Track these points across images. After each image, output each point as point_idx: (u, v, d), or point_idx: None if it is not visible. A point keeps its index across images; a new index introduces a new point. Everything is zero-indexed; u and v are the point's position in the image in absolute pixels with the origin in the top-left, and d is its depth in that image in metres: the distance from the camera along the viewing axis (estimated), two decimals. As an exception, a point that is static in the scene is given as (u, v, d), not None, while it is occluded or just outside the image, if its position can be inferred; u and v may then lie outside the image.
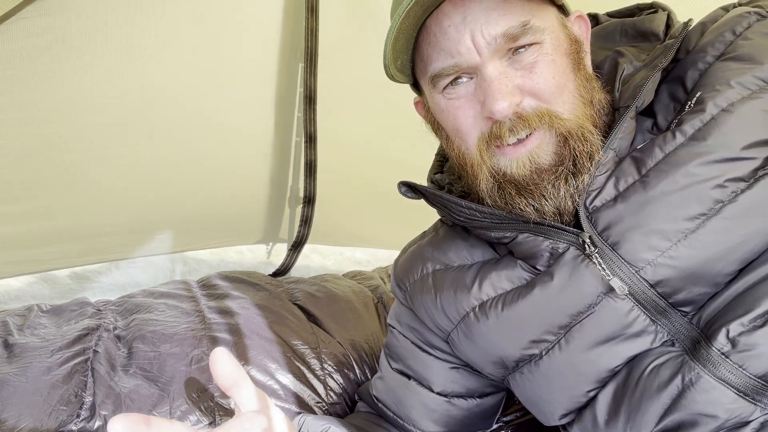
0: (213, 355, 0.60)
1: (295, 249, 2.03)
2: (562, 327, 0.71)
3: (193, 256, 2.22)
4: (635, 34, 0.79)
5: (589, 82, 0.71)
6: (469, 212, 0.74)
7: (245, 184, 1.99)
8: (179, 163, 1.72)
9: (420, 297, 0.87)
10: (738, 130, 0.63)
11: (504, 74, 0.65)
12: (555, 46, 0.67)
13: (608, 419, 0.69)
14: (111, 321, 1.27)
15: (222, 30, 1.54)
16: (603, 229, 0.67)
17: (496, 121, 0.66)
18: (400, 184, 0.81)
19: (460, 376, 0.88)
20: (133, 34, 1.38)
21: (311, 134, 1.82)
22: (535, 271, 0.74)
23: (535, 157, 0.67)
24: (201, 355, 1.15)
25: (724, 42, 0.68)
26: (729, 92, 0.64)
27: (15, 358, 1.09)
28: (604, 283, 0.67)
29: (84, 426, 0.97)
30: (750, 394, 0.60)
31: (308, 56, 1.67)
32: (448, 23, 0.66)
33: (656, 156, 0.66)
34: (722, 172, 0.62)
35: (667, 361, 0.65)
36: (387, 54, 0.69)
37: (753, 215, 0.62)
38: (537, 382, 0.75)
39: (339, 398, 1.16)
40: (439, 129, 0.76)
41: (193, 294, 1.44)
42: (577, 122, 0.67)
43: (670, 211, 0.63)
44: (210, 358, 0.58)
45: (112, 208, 1.68)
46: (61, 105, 1.36)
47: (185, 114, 1.63)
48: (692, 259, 0.63)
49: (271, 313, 1.33)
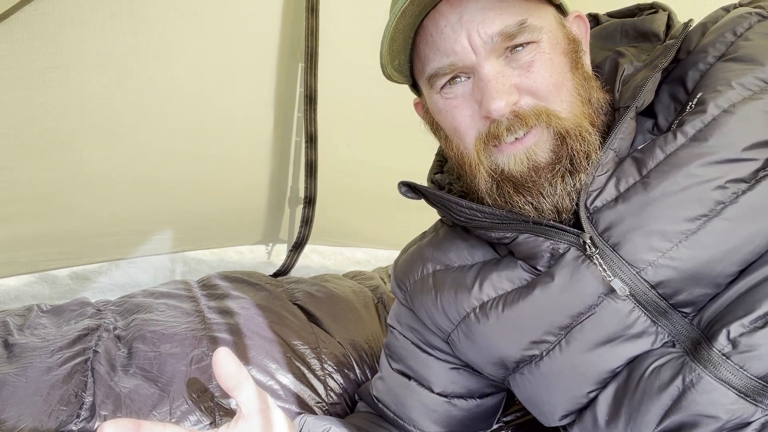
0: (216, 355, 0.60)
1: (296, 250, 2.03)
2: (563, 328, 0.71)
3: (193, 256, 2.22)
4: (635, 35, 0.79)
5: (588, 81, 0.71)
6: (470, 212, 0.74)
7: (245, 185, 1.99)
8: (179, 163, 1.72)
9: (420, 297, 0.86)
10: (739, 131, 0.63)
11: (501, 73, 0.65)
12: (552, 44, 0.67)
13: (609, 420, 0.69)
14: (111, 321, 1.27)
15: (222, 30, 1.54)
16: (604, 230, 0.67)
17: (494, 121, 0.67)
18: (400, 184, 0.81)
19: (460, 376, 0.88)
20: (132, 35, 1.38)
21: (311, 134, 1.82)
22: (535, 271, 0.74)
23: (532, 155, 0.67)
24: (201, 355, 1.15)
25: (725, 43, 0.68)
26: (730, 93, 0.64)
27: (15, 358, 1.09)
28: (605, 284, 0.67)
29: (84, 426, 0.97)
30: (751, 395, 0.60)
31: (308, 56, 1.67)
32: (445, 23, 0.66)
33: (657, 157, 0.66)
34: (723, 173, 0.62)
35: (668, 362, 0.65)
36: (383, 53, 0.69)
37: (754, 216, 0.62)
38: (537, 383, 0.75)
39: (339, 398, 1.16)
40: (438, 129, 0.76)
41: (193, 294, 1.44)
42: (574, 121, 0.67)
43: (671, 212, 0.63)
44: (213, 359, 0.58)
45: (112, 208, 1.68)
46: (61, 105, 1.36)
47: (185, 114, 1.63)
48: (693, 260, 0.63)
49: (272, 313, 1.33)
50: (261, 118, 1.84)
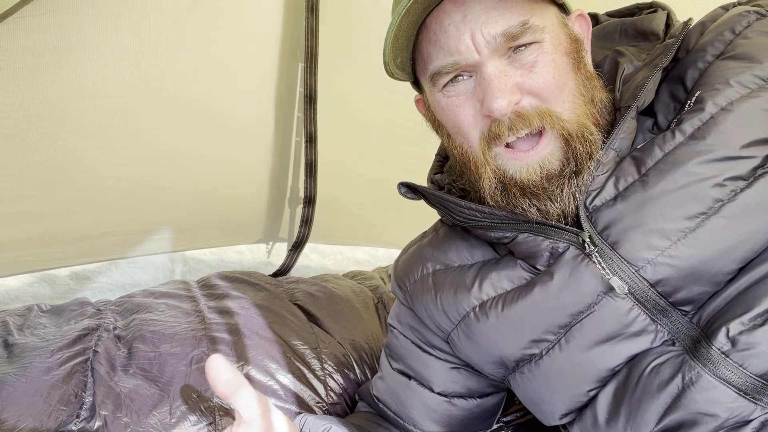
0: (209, 363, 0.59)
1: (296, 249, 2.03)
2: (563, 326, 0.71)
3: (193, 256, 2.22)
4: (635, 34, 0.79)
5: (590, 80, 0.71)
6: (469, 212, 0.74)
7: (245, 184, 1.99)
8: (179, 162, 1.72)
9: (420, 297, 0.87)
10: (737, 129, 0.63)
11: (503, 73, 0.65)
12: (555, 45, 0.67)
13: (609, 419, 0.69)
14: (111, 321, 1.27)
15: (222, 29, 1.54)
16: (603, 229, 0.67)
17: (495, 120, 0.67)
18: (400, 184, 0.81)
19: (460, 376, 0.88)
20: (132, 34, 1.38)
21: (311, 134, 1.82)
22: (535, 270, 0.74)
23: (547, 164, 0.68)
24: (201, 355, 1.15)
25: (723, 41, 0.69)
26: (728, 91, 0.64)
27: (15, 358, 1.09)
28: (604, 283, 0.67)
29: (84, 426, 0.97)
30: (750, 393, 0.60)
31: (308, 56, 1.68)
32: (449, 22, 0.66)
33: (656, 155, 0.66)
34: (722, 170, 0.62)
35: (668, 361, 0.65)
36: (387, 51, 0.69)
37: (752, 214, 0.62)
38: (537, 382, 0.75)
39: (339, 398, 1.16)
40: (440, 127, 0.76)
41: (193, 294, 1.44)
42: (577, 122, 0.67)
43: (669, 210, 0.63)
44: (206, 366, 0.57)
45: (112, 207, 1.68)
46: (60, 104, 1.36)
47: (185, 113, 1.63)
48: (692, 258, 0.63)
49: (271, 313, 1.33)
50: (261, 118, 1.84)
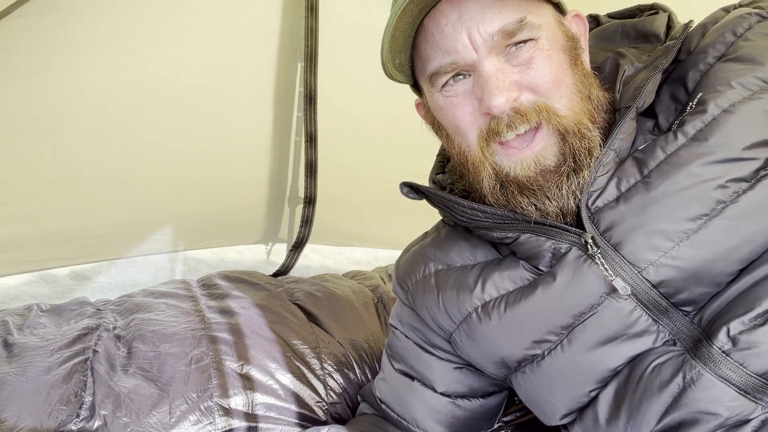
0: None
1: (296, 249, 2.03)
2: (565, 327, 0.71)
3: (193, 255, 2.22)
4: (636, 36, 0.80)
5: (587, 78, 0.71)
6: (471, 212, 0.74)
7: (245, 184, 1.98)
8: (179, 162, 1.72)
9: (422, 297, 0.86)
10: (739, 131, 0.63)
11: (501, 70, 0.66)
12: (551, 42, 0.68)
13: (609, 418, 0.70)
14: (111, 321, 1.27)
15: (221, 29, 1.54)
16: (605, 230, 0.68)
17: (494, 117, 0.67)
18: (402, 184, 0.81)
19: (463, 376, 0.88)
20: (131, 33, 1.38)
21: (311, 134, 1.82)
22: (537, 271, 0.74)
23: (541, 159, 0.68)
24: (201, 354, 1.15)
25: (725, 43, 0.69)
26: (730, 93, 0.65)
27: (15, 357, 1.08)
28: (607, 284, 0.67)
29: (83, 426, 0.97)
30: (751, 392, 0.60)
31: (308, 56, 1.67)
32: (445, 22, 0.66)
33: (658, 157, 0.66)
34: (724, 172, 0.63)
35: (669, 360, 0.65)
36: (384, 51, 0.70)
37: (754, 215, 0.62)
38: (539, 382, 0.76)
39: (339, 398, 1.16)
40: (440, 128, 0.76)
41: (192, 294, 1.44)
42: (574, 118, 0.68)
43: (672, 211, 0.64)
44: None
45: (111, 207, 1.68)
46: (60, 104, 1.36)
47: (184, 113, 1.63)
48: (694, 260, 0.63)
49: (271, 312, 1.33)
50: (261, 118, 1.84)
